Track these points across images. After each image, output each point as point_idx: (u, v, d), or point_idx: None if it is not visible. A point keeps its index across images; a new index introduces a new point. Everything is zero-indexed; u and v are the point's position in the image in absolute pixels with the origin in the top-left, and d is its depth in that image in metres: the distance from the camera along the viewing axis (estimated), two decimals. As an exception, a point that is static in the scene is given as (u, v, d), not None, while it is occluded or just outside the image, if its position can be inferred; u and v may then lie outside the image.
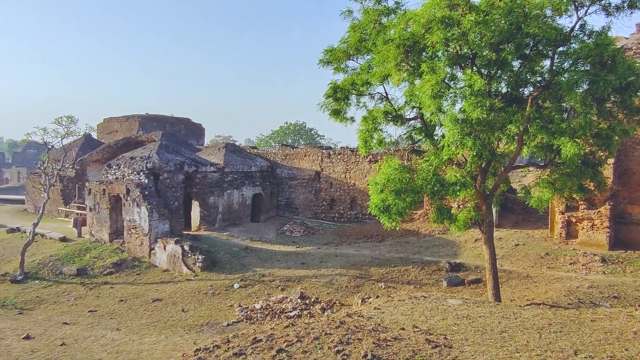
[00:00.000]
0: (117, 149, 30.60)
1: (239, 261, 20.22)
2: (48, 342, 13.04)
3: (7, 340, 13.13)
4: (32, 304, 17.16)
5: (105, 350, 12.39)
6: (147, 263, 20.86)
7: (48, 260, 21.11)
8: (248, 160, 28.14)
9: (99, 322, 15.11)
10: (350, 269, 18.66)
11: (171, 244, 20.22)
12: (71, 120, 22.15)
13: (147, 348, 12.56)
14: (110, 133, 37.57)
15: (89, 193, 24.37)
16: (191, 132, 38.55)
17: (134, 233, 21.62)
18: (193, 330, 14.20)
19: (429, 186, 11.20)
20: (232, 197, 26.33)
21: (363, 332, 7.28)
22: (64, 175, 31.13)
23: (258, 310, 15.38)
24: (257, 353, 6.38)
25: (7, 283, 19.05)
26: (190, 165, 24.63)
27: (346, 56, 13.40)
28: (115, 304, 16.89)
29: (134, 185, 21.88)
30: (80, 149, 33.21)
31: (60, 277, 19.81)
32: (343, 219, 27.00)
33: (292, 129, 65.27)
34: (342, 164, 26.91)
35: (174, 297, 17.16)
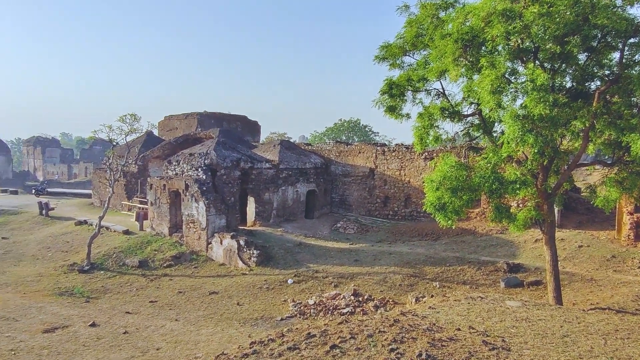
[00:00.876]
0: (176, 146, 31.59)
1: (293, 257, 20.42)
2: (112, 330, 13.64)
3: (75, 326, 13.84)
4: (98, 293, 18.00)
5: (164, 340, 12.82)
6: (204, 257, 21.43)
7: (112, 252, 22.09)
8: (302, 157, 28.35)
9: (159, 313, 15.67)
10: (404, 267, 18.45)
11: (227, 239, 20.68)
12: (134, 118, 23.07)
13: (204, 339, 12.90)
14: (170, 130, 38.82)
15: (150, 188, 25.29)
16: (247, 129, 39.25)
17: (192, 227, 22.26)
18: (248, 323, 14.46)
19: (487, 184, 10.88)
20: (287, 193, 26.61)
21: (417, 331, 7.18)
22: (127, 170, 32.46)
23: (311, 306, 15.48)
24: (311, 348, 6.42)
25: (75, 273, 20.08)
26: (246, 162, 25.09)
27: (402, 52, 13.21)
28: (174, 295, 17.46)
29: (193, 181, 22.52)
30: (143, 145, 34.52)
31: (124, 268, 20.68)
32: (397, 216, 26.74)
33: (347, 125, 65.20)
34: (396, 161, 26.63)
35: (230, 290, 17.54)
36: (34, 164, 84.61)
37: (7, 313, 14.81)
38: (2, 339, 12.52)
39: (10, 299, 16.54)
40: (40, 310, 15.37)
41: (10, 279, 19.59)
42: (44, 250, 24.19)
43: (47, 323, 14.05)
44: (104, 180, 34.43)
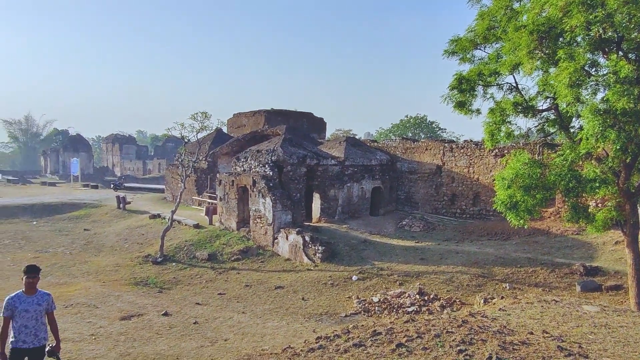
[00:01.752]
0: (244, 143, 32.34)
1: (358, 254, 20.38)
2: (183, 320, 14.17)
3: (149, 315, 14.50)
4: (170, 284, 18.77)
5: (232, 332, 13.17)
6: (270, 251, 21.82)
7: (183, 244, 22.96)
8: (368, 154, 28.21)
9: (227, 305, 16.11)
10: (472, 267, 17.94)
11: (293, 234, 20.94)
12: (205, 115, 23.86)
13: (269, 332, 13.14)
14: (238, 127, 39.77)
15: (219, 184, 26.05)
16: (313, 126, 39.53)
17: (259, 222, 22.72)
18: (312, 318, 14.58)
19: (563, 182, 10.36)
20: (352, 190, 26.58)
21: (487, 333, 6.95)
22: (197, 166, 33.60)
23: (376, 304, 15.39)
24: (377, 346, 6.37)
25: (149, 264, 21.04)
26: (312, 159, 25.29)
27: (473, 45, 12.82)
28: (241, 288, 17.89)
29: (260, 177, 22.98)
30: (212, 142, 35.61)
31: (194, 260, 21.44)
32: (465, 215, 26.05)
33: (413, 122, 64.24)
34: (465, 158, 25.93)
35: (295, 285, 17.75)
36: (112, 160, 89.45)
37: (89, 300, 15.75)
38: (84, 325, 13.32)
39: (92, 287, 17.58)
40: (118, 298, 16.23)
41: (91, 268, 20.81)
42: (121, 241, 25.52)
43: (124, 311, 14.81)
44: (176, 175, 35.84)
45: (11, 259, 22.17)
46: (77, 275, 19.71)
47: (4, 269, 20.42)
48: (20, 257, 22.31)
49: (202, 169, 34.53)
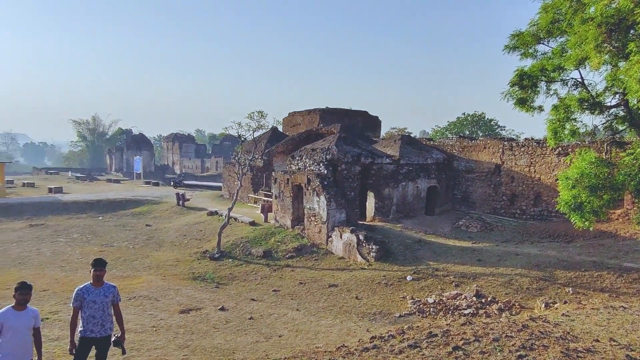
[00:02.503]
0: (299, 141, 32.60)
1: (412, 254, 20.11)
2: (239, 315, 14.45)
3: (206, 309, 14.88)
4: (226, 280, 19.19)
5: (286, 328, 13.31)
6: (324, 250, 21.89)
7: (239, 241, 23.42)
8: (424, 152, 27.78)
9: (281, 302, 16.30)
10: (532, 270, 17.30)
11: (347, 233, 20.92)
12: (261, 115, 24.23)
13: (323, 330, 13.18)
14: (294, 126, 40.14)
15: (275, 182, 26.39)
16: (367, 124, 39.32)
17: (313, 221, 22.85)
18: (366, 317, 14.51)
19: (633, 182, 9.82)
20: (407, 189, 26.26)
21: (549, 339, 6.68)
22: (253, 165, 34.18)
23: (431, 305, 15.13)
24: (433, 347, 6.25)
25: (207, 259, 21.59)
26: (366, 157, 25.17)
27: (535, 40, 12.35)
28: (296, 286, 18.05)
29: (314, 176, 23.10)
30: (268, 141, 36.11)
31: (249, 257, 21.82)
32: (525, 215, 25.16)
33: (470, 119, 62.67)
34: (525, 157, 25.04)
35: (349, 284, 17.73)
36: (172, 159, 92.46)
37: (150, 293, 16.35)
38: (146, 316, 13.83)
39: (153, 281, 18.23)
40: (177, 292, 16.75)
41: (152, 262, 21.60)
42: (180, 237, 26.34)
43: (183, 304, 15.27)
44: (232, 174, 36.61)
45: (79, 252, 23.33)
46: (139, 269, 20.50)
47: (73, 261, 21.53)
48: (88, 251, 23.45)
49: (258, 167, 35.11)
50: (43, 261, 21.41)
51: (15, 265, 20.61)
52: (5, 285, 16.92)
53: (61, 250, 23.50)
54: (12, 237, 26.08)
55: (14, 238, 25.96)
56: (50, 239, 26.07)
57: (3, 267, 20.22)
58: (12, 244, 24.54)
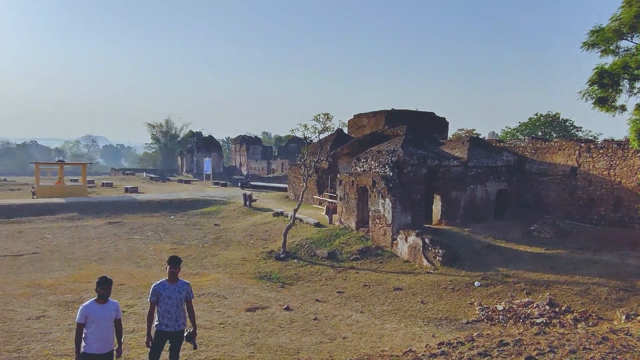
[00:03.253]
0: (364, 143, 32.45)
1: (480, 259, 19.51)
2: (303, 315, 14.58)
3: (272, 308, 15.12)
4: (291, 280, 19.41)
5: (350, 330, 13.29)
6: (389, 252, 21.67)
7: (304, 242, 23.64)
8: (493, 155, 26.89)
9: (345, 303, 16.28)
10: (611, 279, 16.31)
11: (412, 236, 20.61)
12: (327, 117, 24.34)
13: (387, 333, 13.05)
14: (359, 128, 40.04)
15: (340, 184, 26.44)
16: (434, 126, 38.53)
17: (378, 223, 22.68)
18: (431, 322, 14.22)
19: None
20: (475, 192, 25.51)
21: (632, 353, 6.25)
22: (319, 167, 34.39)
23: (500, 312, 14.60)
24: (504, 357, 6.01)
25: (272, 259, 21.94)
26: (433, 159, 24.71)
27: (617, 36, 11.65)
28: (360, 288, 17.98)
29: (380, 178, 22.93)
30: (333, 143, 36.20)
31: (314, 258, 21.97)
32: (604, 221, 23.76)
33: (543, 120, 59.98)
34: (604, 159, 23.65)
35: (414, 288, 17.45)
36: (240, 160, 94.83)
37: (219, 291, 16.83)
38: (214, 313, 14.25)
39: (221, 279, 18.76)
40: (244, 290, 17.14)
41: (220, 261, 22.22)
42: (247, 237, 26.94)
43: (250, 303, 15.60)
44: (298, 175, 37.03)
45: (153, 249, 24.40)
46: (208, 267, 21.15)
47: (147, 257, 22.54)
48: (160, 248, 24.48)
49: (323, 169, 35.31)
50: (120, 257, 22.57)
51: (96, 260, 21.85)
52: (87, 279, 17.99)
53: (136, 247, 24.67)
54: (93, 234, 27.68)
55: (94, 234, 27.54)
56: (126, 236, 27.44)
57: (85, 261, 21.50)
58: (93, 240, 26.04)
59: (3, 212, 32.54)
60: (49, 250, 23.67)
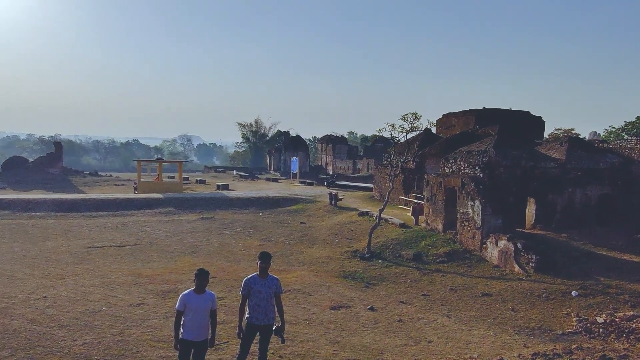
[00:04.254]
0: (453, 143, 31.57)
1: (579, 267, 18.30)
2: (387, 316, 14.45)
3: (356, 308, 15.13)
4: (375, 280, 19.30)
5: (436, 334, 12.98)
6: (477, 256, 20.93)
7: (389, 243, 23.42)
8: (595, 156, 25.10)
9: (431, 307, 15.93)
10: None
11: (503, 240, 19.76)
12: (415, 116, 23.93)
13: (475, 340, 12.61)
14: (447, 128, 39.05)
15: (427, 184, 25.91)
16: (529, 125, 36.67)
17: (467, 226, 21.97)
18: (523, 332, 13.54)
19: None
20: (574, 196, 23.94)
21: None
22: (405, 167, 33.94)
23: (600, 325, 13.59)
24: (606, 373, 5.58)
25: (357, 259, 21.95)
26: (527, 160, 23.52)
27: None
28: (446, 291, 17.51)
29: (469, 179, 22.20)
30: (421, 143, 35.57)
31: (399, 259, 21.69)
32: None
33: (653, 120, 55.12)
34: None
35: (504, 294, 16.72)
36: (326, 159, 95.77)
37: (303, 287, 17.11)
38: (299, 309, 14.51)
39: (306, 276, 19.06)
40: (328, 288, 17.29)
41: (305, 258, 22.58)
42: (332, 236, 27.15)
43: (334, 301, 15.71)
44: (384, 175, 36.76)
45: (242, 244, 25.29)
46: (293, 263, 21.57)
47: (237, 252, 23.40)
48: (249, 244, 25.31)
49: (409, 169, 34.80)
50: (211, 251, 23.61)
51: (189, 253, 23.02)
52: (181, 270, 19.01)
53: (226, 242, 25.69)
54: (187, 228, 29.18)
55: (188, 229, 29.03)
56: (218, 231, 28.66)
57: (180, 254, 22.72)
58: (187, 234, 27.45)
59: (110, 206, 35.22)
60: (148, 242, 25.26)
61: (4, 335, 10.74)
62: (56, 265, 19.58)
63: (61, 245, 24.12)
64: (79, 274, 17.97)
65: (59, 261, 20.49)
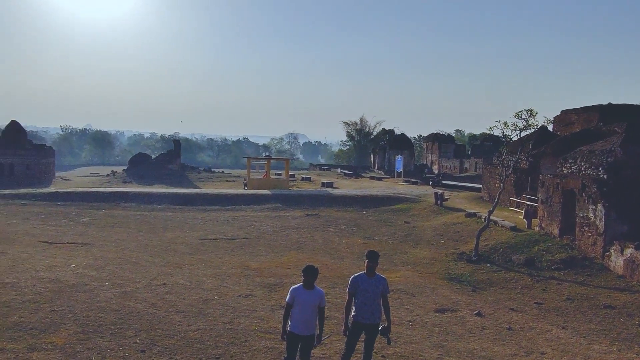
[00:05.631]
0: (572, 142, 29.31)
1: None
2: (496, 323, 13.76)
3: (462, 312, 14.59)
4: (483, 285, 18.48)
5: (550, 346, 12.14)
6: (598, 265, 19.27)
7: (499, 246, 22.31)
8: None
9: (545, 316, 14.93)
10: None
11: (630, 249, 17.98)
12: (530, 113, 22.59)
13: (595, 355, 11.62)
14: (566, 125, 36.36)
15: (541, 186, 24.33)
16: (663, 122, 33.08)
17: (587, 231, 20.30)
18: (653, 351, 12.23)
19: None
20: None
21: None
22: (518, 167, 32.16)
23: None
24: None
25: (463, 262, 21.18)
26: (659, 161, 21.17)
27: None
28: (562, 301, 16.32)
29: (591, 181, 20.49)
30: (535, 141, 33.44)
31: (509, 264, 20.59)
32: None
33: None
34: None
35: (630, 308, 15.22)
36: (431, 158, 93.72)
37: (407, 288, 16.83)
38: (402, 310, 14.29)
39: (409, 277, 18.74)
40: (432, 291, 16.85)
41: (409, 259, 22.20)
42: (437, 237, 26.46)
43: (438, 304, 15.28)
44: (494, 175, 35.13)
45: (345, 242, 25.47)
46: (397, 263, 21.30)
47: (340, 250, 23.61)
48: (352, 242, 25.43)
49: (522, 169, 32.90)
50: (315, 247, 24.04)
51: (295, 248, 23.62)
52: (287, 265, 19.55)
53: (330, 239, 26.02)
54: (292, 224, 29.99)
55: (293, 225, 29.82)
56: (322, 228, 29.12)
57: (285, 249, 23.40)
58: (292, 230, 28.21)
59: (221, 201, 37.24)
60: (256, 236, 26.31)
61: (129, 317, 11.70)
62: (174, 255, 21.03)
63: (178, 236, 25.88)
64: (193, 264, 19.14)
65: (177, 251, 21.99)
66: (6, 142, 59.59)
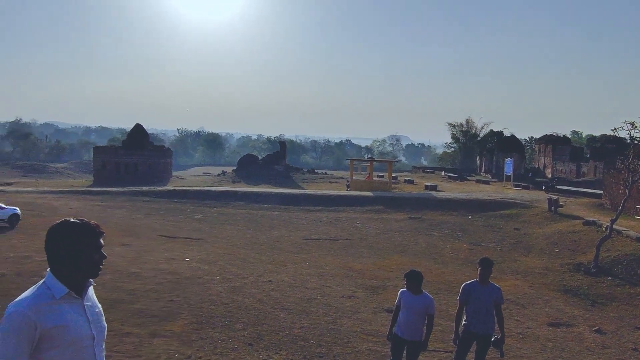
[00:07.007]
0: None
1: None
2: (619, 342, 12.63)
3: (579, 327, 13.57)
4: (603, 299, 17.06)
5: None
6: None
7: (622, 258, 20.46)
8: None
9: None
10: None
11: None
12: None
13: None
14: None
15: (674, 193, 21.92)
16: None
17: None
18: None
19: None
20: None
21: None
22: (644, 171, 29.29)
23: None
24: None
25: (580, 273, 19.68)
26: None
27: None
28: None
29: None
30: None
31: (634, 278, 18.82)
32: None
33: None
34: None
35: None
36: (544, 162, 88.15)
37: (517, 298, 15.97)
38: (511, 322, 13.55)
39: (519, 286, 17.77)
40: (545, 302, 15.84)
41: (519, 267, 21.06)
42: (550, 245, 24.83)
43: (552, 317, 14.33)
44: (618, 181, 32.24)
45: (450, 247, 24.75)
46: (506, 272, 20.29)
47: (445, 255, 22.96)
48: (458, 247, 24.63)
49: (650, 174, 29.90)
50: (419, 251, 23.60)
51: (398, 251, 23.37)
52: (389, 268, 19.40)
53: (434, 244, 25.41)
54: (395, 227, 29.70)
55: (396, 227, 29.52)
56: (425, 231, 28.54)
57: (388, 252, 23.23)
58: (395, 233, 27.94)
59: (324, 201, 37.84)
60: (359, 238, 26.39)
61: (238, 311, 12.24)
62: (279, 253, 21.71)
63: (283, 235, 26.69)
64: (297, 263, 19.62)
65: (282, 249, 22.69)
66: (131, 144, 65.22)
